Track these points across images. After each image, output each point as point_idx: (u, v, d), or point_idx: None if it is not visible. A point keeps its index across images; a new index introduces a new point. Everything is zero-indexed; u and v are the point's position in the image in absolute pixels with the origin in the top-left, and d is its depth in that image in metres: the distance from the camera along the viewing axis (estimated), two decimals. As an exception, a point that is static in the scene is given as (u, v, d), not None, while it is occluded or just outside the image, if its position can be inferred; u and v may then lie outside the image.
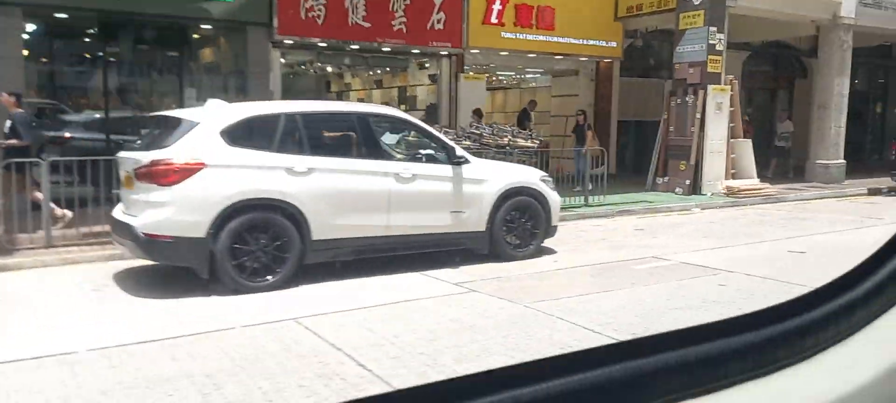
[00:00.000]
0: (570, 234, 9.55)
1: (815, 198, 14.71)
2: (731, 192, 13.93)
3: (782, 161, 18.03)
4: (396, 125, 7.90)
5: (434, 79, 14.47)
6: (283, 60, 13.16)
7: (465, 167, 7.09)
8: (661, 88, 16.65)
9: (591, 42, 15.64)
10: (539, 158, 12.46)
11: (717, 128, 14.25)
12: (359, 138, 6.65)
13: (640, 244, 8.71)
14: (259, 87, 11.73)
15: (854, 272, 0.86)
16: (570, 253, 8.05)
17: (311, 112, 7.02)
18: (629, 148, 18.27)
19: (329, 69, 16.32)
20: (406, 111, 15.96)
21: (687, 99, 14.32)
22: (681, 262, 7.43)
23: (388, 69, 16.62)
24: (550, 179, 8.07)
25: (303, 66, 15.62)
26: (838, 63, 16.79)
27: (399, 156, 7.37)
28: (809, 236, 9.30)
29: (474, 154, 10.32)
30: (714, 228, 10.21)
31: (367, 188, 6.49)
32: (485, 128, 11.03)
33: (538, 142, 11.37)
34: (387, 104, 17.97)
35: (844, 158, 18.40)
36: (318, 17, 12.14)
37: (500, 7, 14.17)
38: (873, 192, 16.11)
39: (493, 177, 7.32)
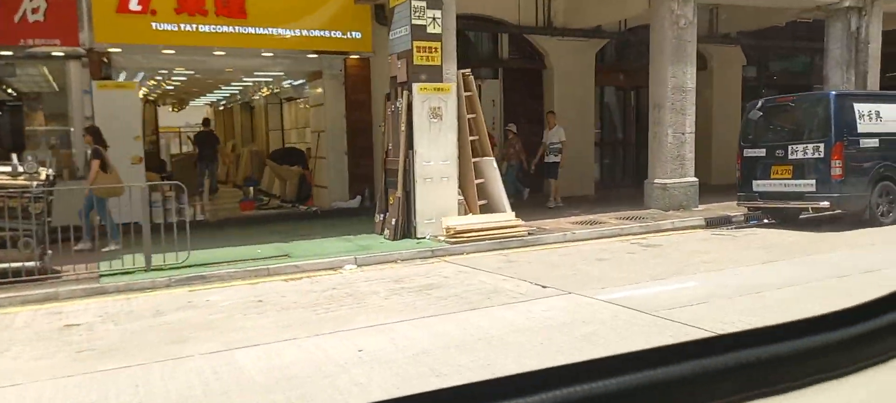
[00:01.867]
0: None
1: (595, 238, 10.38)
2: (449, 235, 9.82)
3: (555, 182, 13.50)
4: None
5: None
6: None
7: None
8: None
9: (316, 33, 11.80)
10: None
11: (436, 144, 10.15)
12: None
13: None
14: None
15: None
16: None
17: None
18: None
19: None
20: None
21: (397, 104, 10.30)
22: None
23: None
24: None
25: None
26: (672, 47, 12.34)
27: None
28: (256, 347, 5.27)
29: None
30: (160, 327, 6.25)
31: None
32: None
33: (46, 176, 7.60)
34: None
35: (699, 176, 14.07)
36: None
37: (145, -11, 10.53)
38: (713, 224, 11.58)
39: None
